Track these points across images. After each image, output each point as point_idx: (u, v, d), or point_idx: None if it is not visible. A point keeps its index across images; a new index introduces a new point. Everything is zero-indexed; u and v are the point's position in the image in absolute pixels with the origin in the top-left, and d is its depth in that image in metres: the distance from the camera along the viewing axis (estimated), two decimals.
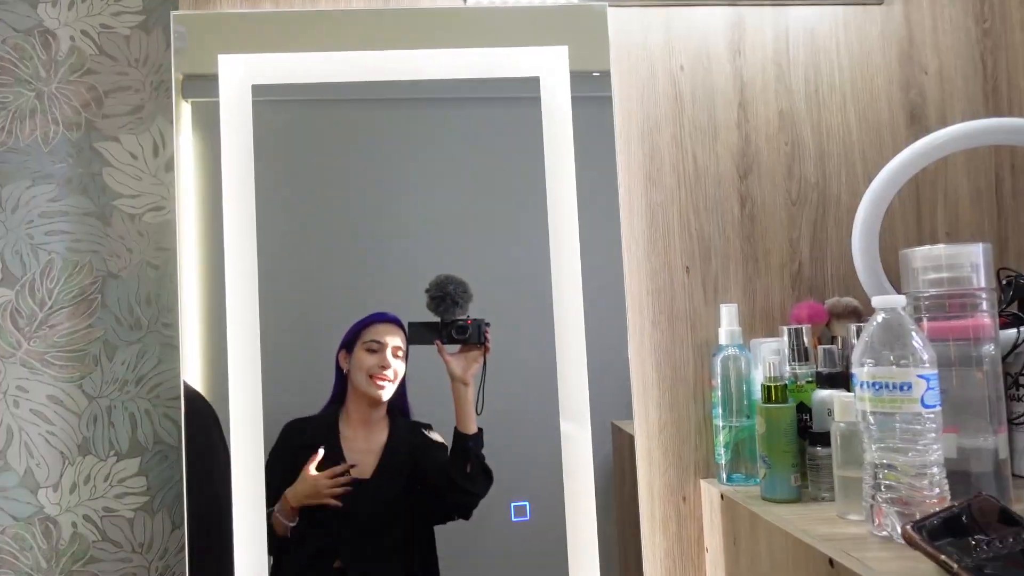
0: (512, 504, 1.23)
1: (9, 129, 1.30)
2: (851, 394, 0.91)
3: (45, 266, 1.28)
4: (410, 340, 1.26)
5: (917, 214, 1.20)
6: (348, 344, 1.32)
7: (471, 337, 1.25)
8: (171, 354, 1.29)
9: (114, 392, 1.28)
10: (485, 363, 1.25)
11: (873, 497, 0.83)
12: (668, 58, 1.20)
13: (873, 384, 0.81)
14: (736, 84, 1.20)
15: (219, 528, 1.18)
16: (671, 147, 1.17)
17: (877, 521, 0.81)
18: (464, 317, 1.25)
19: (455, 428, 1.25)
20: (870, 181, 1.19)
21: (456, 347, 1.26)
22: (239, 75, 1.22)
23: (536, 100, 1.21)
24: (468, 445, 1.25)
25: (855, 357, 0.84)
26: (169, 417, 1.28)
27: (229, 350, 1.18)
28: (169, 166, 1.31)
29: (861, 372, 0.83)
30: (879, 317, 0.84)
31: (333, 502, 1.23)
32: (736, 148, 1.18)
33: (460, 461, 1.25)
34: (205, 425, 1.23)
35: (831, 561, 0.77)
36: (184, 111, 1.25)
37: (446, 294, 1.24)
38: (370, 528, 1.27)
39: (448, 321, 1.24)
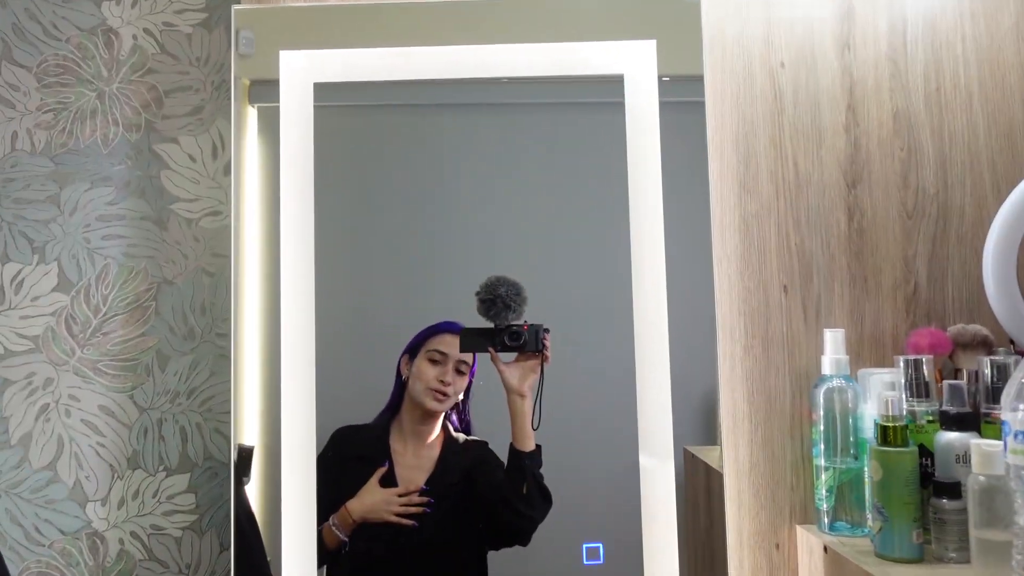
0: (585, 546, 1.13)
1: (70, 130, 1.26)
2: (995, 442, 0.77)
3: (101, 271, 1.24)
4: (462, 348, 1.18)
5: None
6: (412, 350, 1.24)
7: (527, 344, 1.15)
8: (224, 366, 1.23)
9: (165, 404, 1.22)
10: (543, 373, 1.15)
11: None
12: (767, 53, 1.08)
13: None
14: (844, 83, 1.07)
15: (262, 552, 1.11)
16: (769, 152, 1.05)
17: None
18: (520, 322, 1.15)
19: (511, 444, 1.16)
20: (999, 192, 1.05)
21: (512, 356, 1.16)
22: (301, 71, 1.15)
23: (617, 105, 1.11)
24: (524, 463, 1.15)
25: (1006, 400, 0.71)
26: (220, 432, 1.22)
27: (283, 358, 1.12)
28: (227, 169, 1.26)
29: (1013, 418, 0.70)
30: None
31: (405, 521, 1.15)
32: (843, 154, 1.05)
33: (516, 480, 1.15)
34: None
35: None
36: (250, 116, 1.19)
37: (497, 296, 1.15)
38: (417, 549, 1.18)
39: (502, 327, 1.15)
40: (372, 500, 1.18)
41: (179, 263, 1.25)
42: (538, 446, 1.17)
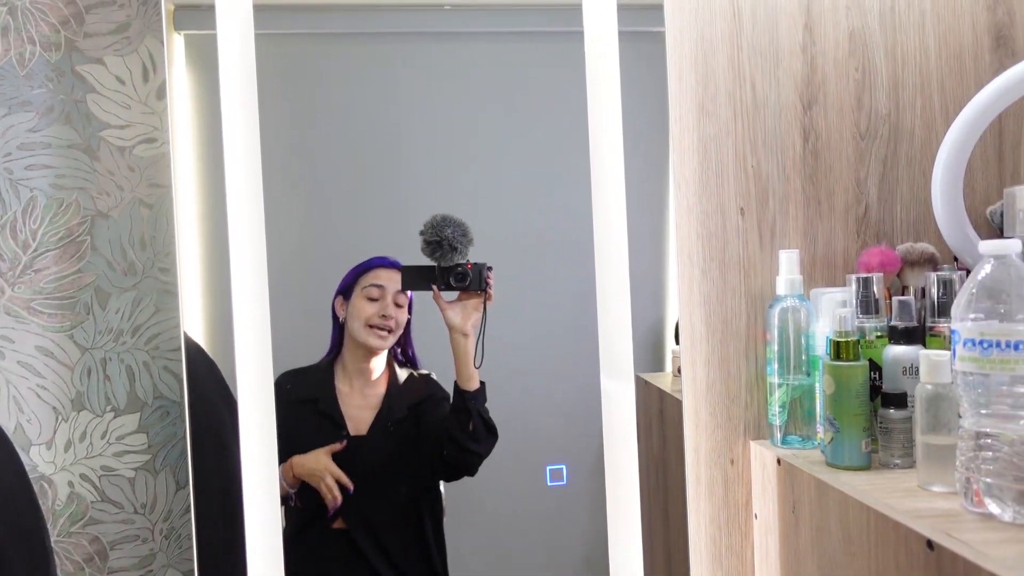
0: (548, 467, 1.15)
1: None
2: (943, 352, 0.81)
3: (27, 204, 1.16)
4: (404, 286, 1.16)
5: (999, 152, 1.08)
6: (345, 290, 1.21)
7: (471, 284, 1.14)
8: (169, 302, 1.18)
9: (109, 343, 1.17)
10: (485, 311, 1.15)
11: (968, 468, 0.73)
12: None
13: (981, 342, 0.71)
14: (802, 1, 1.06)
15: (227, 488, 1.09)
16: (727, 73, 1.04)
17: (976, 498, 0.72)
18: (464, 262, 1.14)
19: (455, 383, 1.16)
20: (948, 114, 1.07)
21: (454, 294, 1.15)
22: None
23: (573, 35, 1.07)
24: (469, 403, 1.16)
25: (956, 311, 0.74)
26: (169, 370, 1.18)
27: (234, 297, 1.07)
28: (161, 93, 1.18)
29: (964, 327, 0.73)
30: (987, 265, 0.73)
31: (328, 495, 1.15)
32: (800, 75, 1.05)
33: (461, 419, 1.16)
34: (202, 378, 1.13)
35: (929, 543, 0.68)
36: (176, 44, 1.11)
37: (443, 239, 1.13)
38: (371, 487, 1.19)
39: (446, 266, 1.13)
40: (313, 464, 1.17)
41: (114, 194, 1.17)
42: (482, 383, 1.17)
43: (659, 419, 1.26)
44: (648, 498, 1.13)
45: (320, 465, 1.17)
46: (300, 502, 1.16)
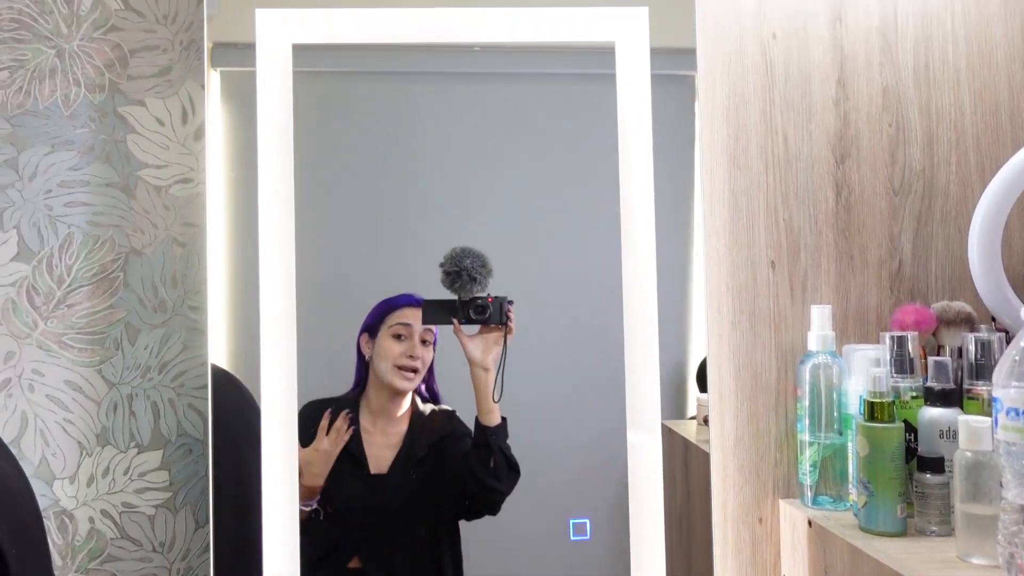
0: (572, 521, 1.13)
1: (27, 90, 1.19)
2: (983, 419, 0.78)
3: (64, 240, 1.18)
4: (425, 320, 1.15)
5: None
6: (371, 328, 1.21)
7: (491, 317, 1.14)
8: (197, 340, 1.18)
9: (136, 379, 1.18)
10: (506, 345, 1.14)
11: (1012, 543, 0.70)
12: (759, 24, 1.06)
13: (1021, 412, 0.69)
14: (835, 57, 1.06)
15: (247, 528, 1.09)
16: (759, 126, 1.04)
17: (1021, 574, 0.69)
18: (484, 295, 1.13)
19: (476, 419, 1.15)
20: (983, 170, 1.06)
21: (475, 328, 1.15)
22: (279, 31, 1.10)
23: (604, 77, 1.09)
24: (490, 438, 1.14)
25: (998, 377, 0.72)
26: (194, 408, 1.19)
27: (262, 334, 1.08)
28: (199, 134, 1.20)
29: (1007, 395, 0.70)
30: None
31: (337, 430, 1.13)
32: (833, 129, 1.05)
33: (482, 455, 1.14)
34: (238, 411, 1.13)
35: None
36: (212, 80, 1.14)
37: (462, 269, 1.13)
38: (389, 525, 1.17)
39: (466, 299, 1.13)
40: (308, 455, 1.16)
41: (148, 232, 1.19)
42: (503, 419, 1.16)
43: (683, 470, 1.23)
44: (671, 554, 1.10)
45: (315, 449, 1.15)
46: (328, 507, 1.14)
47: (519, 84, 1.21)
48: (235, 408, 1.14)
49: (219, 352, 1.15)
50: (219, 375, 1.14)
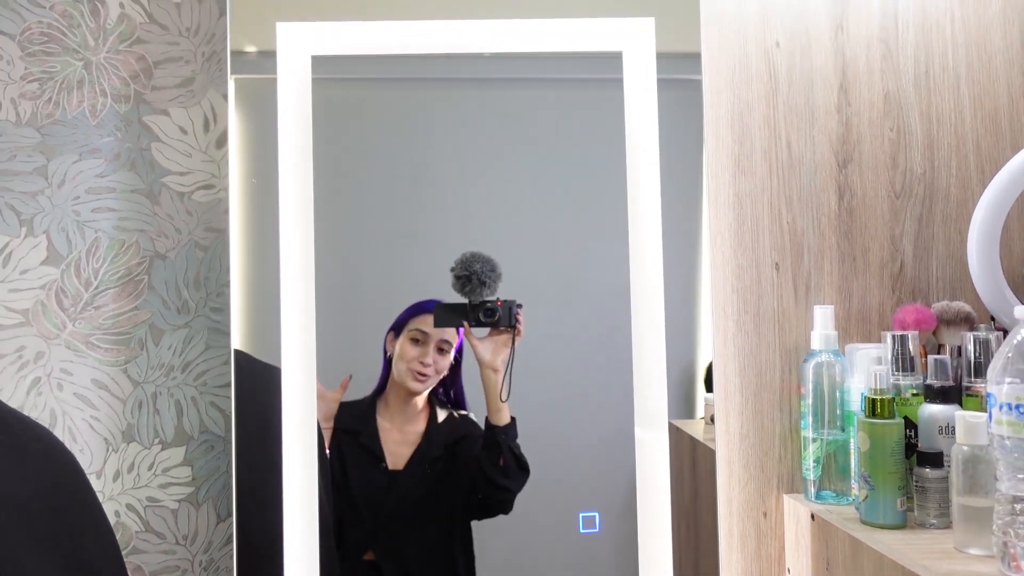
0: (581, 515, 1.16)
1: (56, 100, 1.24)
2: (979, 414, 0.81)
3: (91, 245, 1.23)
4: (436, 323, 1.19)
5: None
6: (397, 328, 1.25)
7: (500, 320, 1.17)
8: (219, 340, 1.23)
9: (160, 378, 1.22)
10: (514, 347, 1.17)
11: (1006, 533, 0.73)
12: (763, 33, 1.09)
13: (1018, 406, 0.71)
14: (837, 63, 1.09)
15: (268, 521, 1.12)
16: (763, 131, 1.07)
17: (1014, 563, 0.72)
18: (493, 299, 1.17)
19: (486, 419, 1.18)
20: (983, 174, 1.08)
21: (485, 331, 1.18)
22: (298, 44, 1.14)
23: (612, 81, 1.12)
24: (499, 437, 1.18)
25: (992, 374, 0.74)
26: (216, 406, 1.23)
27: (283, 334, 1.12)
28: (220, 142, 1.25)
29: (1000, 391, 0.73)
30: None
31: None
32: (835, 134, 1.08)
33: (492, 454, 1.18)
34: (262, 399, 1.17)
35: None
36: (229, 88, 1.18)
37: (472, 273, 1.17)
38: (404, 522, 1.21)
39: (476, 303, 1.17)
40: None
41: (172, 237, 1.24)
42: (512, 419, 1.19)
43: (691, 467, 1.26)
44: (679, 548, 1.13)
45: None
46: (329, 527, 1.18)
47: (528, 89, 1.24)
48: (261, 396, 1.18)
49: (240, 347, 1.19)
50: (252, 364, 1.17)
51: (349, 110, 1.22)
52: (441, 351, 1.23)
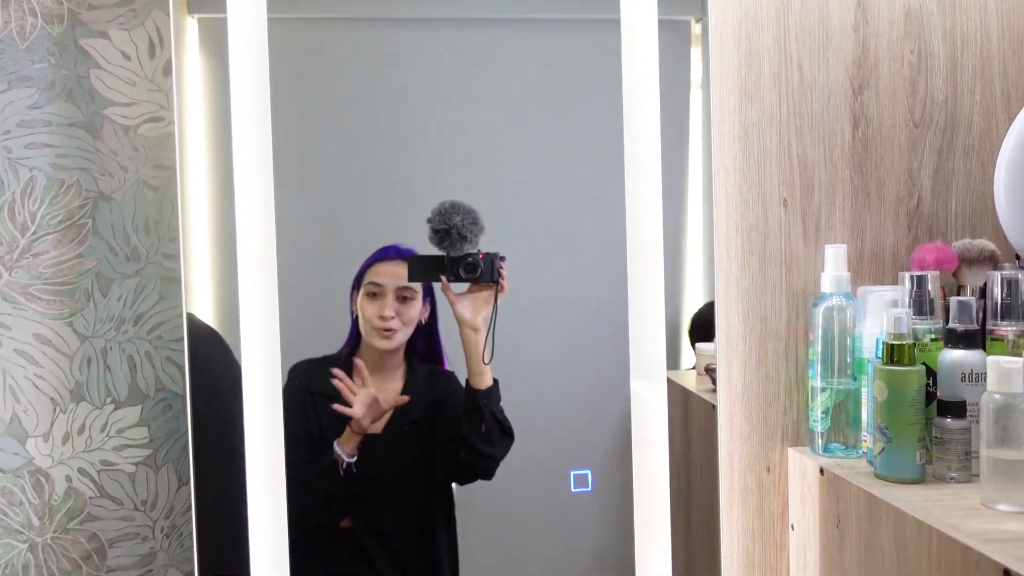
0: (572, 472, 1.09)
1: None
2: (1015, 359, 0.74)
3: (26, 185, 1.10)
4: (411, 277, 1.09)
5: None
6: (356, 285, 1.15)
7: (483, 275, 1.08)
8: (174, 289, 1.12)
9: (110, 332, 1.11)
10: (496, 304, 1.08)
11: None
12: None
13: None
14: None
15: (233, 485, 1.04)
16: (772, 54, 0.97)
17: None
18: (475, 251, 1.07)
19: (466, 382, 1.09)
20: (1009, 101, 0.99)
21: (464, 286, 1.09)
22: None
23: (602, 23, 1.01)
24: (480, 402, 1.09)
25: None
26: (173, 361, 1.12)
27: (241, 292, 1.01)
28: (168, 70, 1.11)
29: None
30: None
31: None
32: (851, 56, 0.98)
33: (473, 419, 1.09)
34: (220, 364, 1.07)
35: (1007, 572, 0.61)
36: (190, 28, 1.05)
37: (451, 227, 1.06)
38: (382, 486, 1.13)
39: (456, 256, 1.06)
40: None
41: (117, 176, 1.11)
42: (495, 381, 1.10)
43: (683, 420, 1.19)
44: (671, 503, 1.07)
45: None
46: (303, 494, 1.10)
47: (510, 30, 1.13)
48: (219, 362, 1.08)
49: (200, 303, 1.09)
50: (199, 327, 1.07)
51: (314, 51, 1.10)
52: (404, 300, 1.14)
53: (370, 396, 1.12)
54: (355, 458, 1.11)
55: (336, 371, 1.10)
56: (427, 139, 1.13)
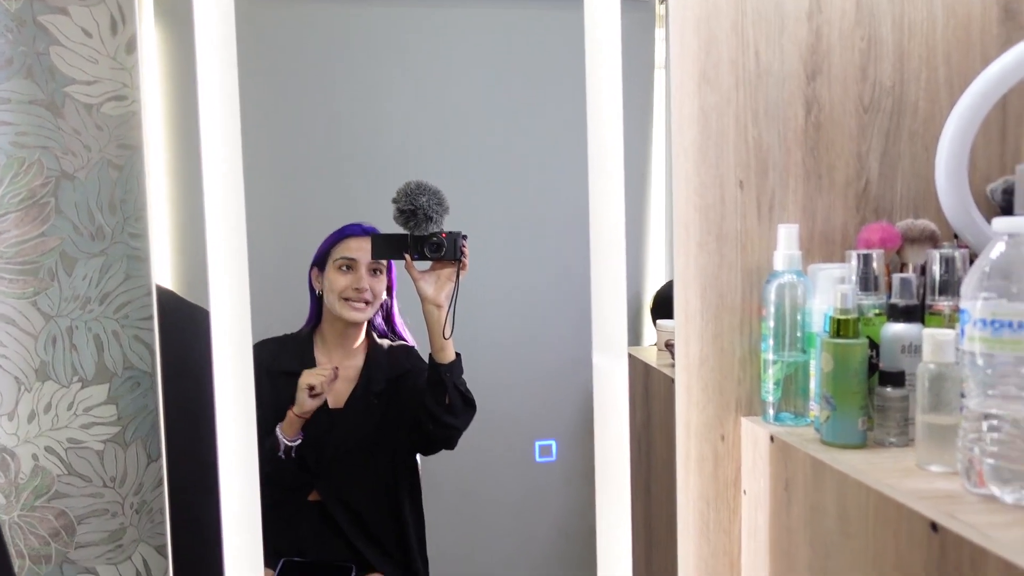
0: (537, 443, 1.13)
1: None
2: (948, 331, 0.79)
3: None
4: (375, 255, 1.12)
5: (1002, 129, 1.06)
6: (320, 261, 1.17)
7: (447, 254, 1.10)
8: (140, 269, 1.12)
9: (75, 311, 1.11)
10: (458, 281, 1.11)
11: (971, 450, 0.72)
12: None
13: (992, 322, 0.69)
14: None
15: (205, 460, 1.05)
16: (730, 39, 1.00)
17: (978, 479, 0.71)
18: (439, 231, 1.10)
19: (430, 356, 1.13)
20: (952, 87, 1.04)
21: (427, 264, 1.11)
22: None
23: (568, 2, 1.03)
24: (444, 375, 1.12)
25: (967, 289, 0.72)
26: (140, 339, 1.13)
27: (210, 270, 1.02)
28: (131, 47, 1.11)
29: (974, 307, 0.71)
30: (1001, 243, 0.70)
31: (321, 382, 1.12)
32: (805, 43, 1.02)
33: (437, 392, 1.13)
34: (193, 339, 1.08)
35: (933, 525, 0.67)
36: (146, 4, 1.05)
37: (417, 208, 1.08)
38: (347, 460, 1.15)
39: (420, 235, 1.09)
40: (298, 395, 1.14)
41: (80, 155, 1.11)
42: (458, 355, 1.13)
43: (644, 393, 1.24)
44: (633, 473, 1.11)
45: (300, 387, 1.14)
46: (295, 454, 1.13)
47: (478, 8, 1.14)
48: (193, 335, 1.09)
49: (167, 283, 1.09)
50: (170, 299, 1.08)
51: (281, 28, 1.10)
52: (375, 273, 1.16)
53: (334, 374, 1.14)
54: (298, 442, 1.13)
55: (321, 372, 1.13)
56: (393, 117, 1.14)
